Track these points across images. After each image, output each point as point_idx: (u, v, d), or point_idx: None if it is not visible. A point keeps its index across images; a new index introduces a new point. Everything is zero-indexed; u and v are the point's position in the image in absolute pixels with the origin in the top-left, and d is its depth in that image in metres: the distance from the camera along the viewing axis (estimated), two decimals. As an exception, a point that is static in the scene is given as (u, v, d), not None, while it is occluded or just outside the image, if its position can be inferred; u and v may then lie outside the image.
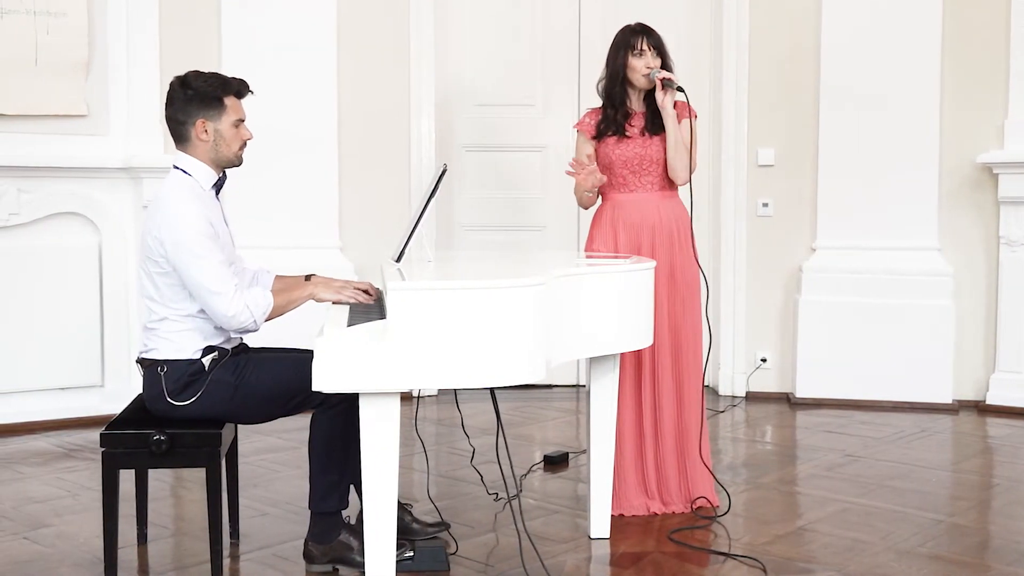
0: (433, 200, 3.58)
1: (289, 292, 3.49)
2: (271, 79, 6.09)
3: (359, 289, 3.58)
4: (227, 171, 3.57)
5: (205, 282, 3.29)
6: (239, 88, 3.50)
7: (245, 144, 3.52)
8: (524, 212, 6.78)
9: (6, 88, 5.50)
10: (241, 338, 3.60)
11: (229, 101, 3.46)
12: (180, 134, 3.46)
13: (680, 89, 4.07)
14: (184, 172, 3.45)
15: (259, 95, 5.95)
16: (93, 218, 5.76)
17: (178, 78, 3.46)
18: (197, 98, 3.42)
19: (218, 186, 3.53)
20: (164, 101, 3.48)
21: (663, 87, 4.08)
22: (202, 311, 3.38)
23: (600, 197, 4.31)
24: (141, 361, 3.45)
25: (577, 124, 4.32)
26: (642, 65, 4.12)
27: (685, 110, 4.14)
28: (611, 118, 4.19)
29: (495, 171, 6.77)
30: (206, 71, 3.49)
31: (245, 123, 3.52)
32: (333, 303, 3.53)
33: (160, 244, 3.32)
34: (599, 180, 4.15)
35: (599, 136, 4.22)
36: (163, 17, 5.91)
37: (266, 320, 3.42)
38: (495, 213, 6.76)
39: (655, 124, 4.17)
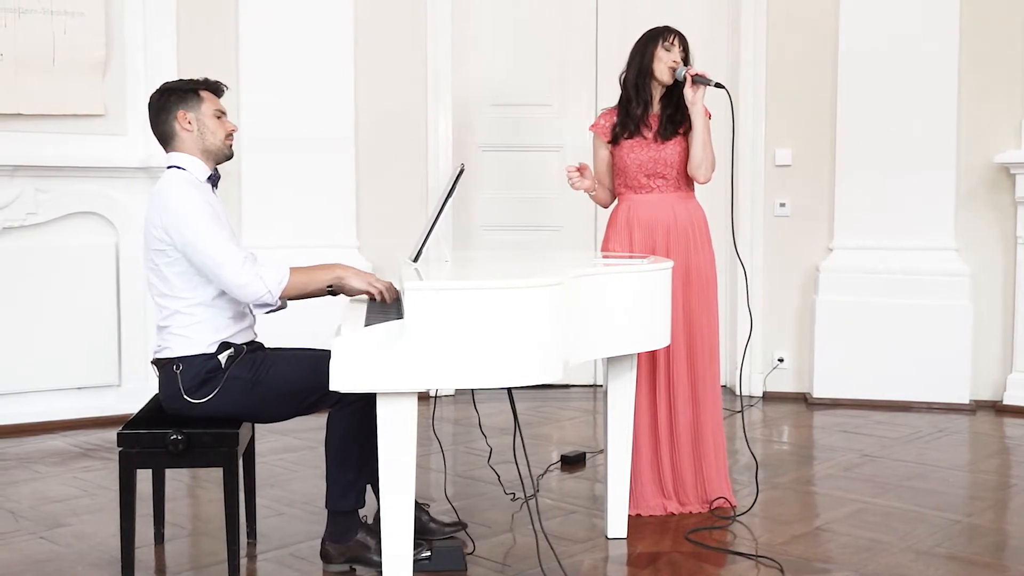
0: (450, 200, 3.58)
1: (311, 272, 3.46)
2: (289, 79, 6.15)
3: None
4: (220, 170, 3.59)
5: (212, 254, 3.30)
6: (214, 86, 3.57)
7: (231, 135, 3.56)
8: (541, 212, 6.78)
9: (24, 87, 5.53)
10: (256, 335, 3.61)
11: (205, 94, 3.52)
12: (166, 133, 3.51)
13: (720, 85, 4.05)
14: (178, 167, 3.48)
15: (277, 96, 6.11)
16: (110, 217, 5.78)
17: (154, 92, 3.55)
18: (174, 96, 3.50)
19: (213, 181, 3.55)
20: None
21: (693, 83, 4.06)
22: (214, 299, 3.38)
23: (616, 197, 4.31)
24: (156, 362, 3.45)
25: (592, 126, 4.31)
26: (669, 59, 4.11)
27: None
28: (631, 114, 4.17)
29: (512, 171, 6.77)
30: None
31: (227, 117, 3.57)
32: (360, 292, 3.52)
33: (163, 230, 3.33)
34: (592, 180, 4.21)
35: (614, 140, 4.21)
36: (180, 17, 5.94)
37: (286, 296, 3.39)
38: (512, 213, 6.76)
39: (668, 129, 4.16)
